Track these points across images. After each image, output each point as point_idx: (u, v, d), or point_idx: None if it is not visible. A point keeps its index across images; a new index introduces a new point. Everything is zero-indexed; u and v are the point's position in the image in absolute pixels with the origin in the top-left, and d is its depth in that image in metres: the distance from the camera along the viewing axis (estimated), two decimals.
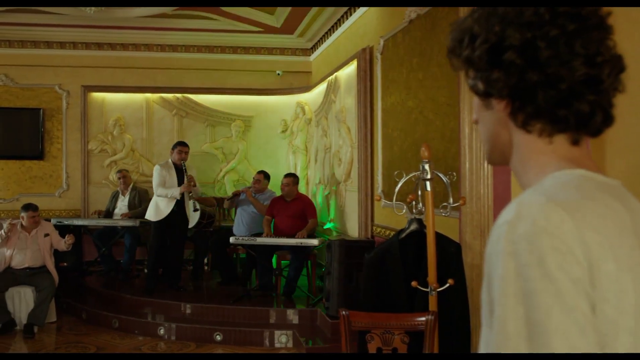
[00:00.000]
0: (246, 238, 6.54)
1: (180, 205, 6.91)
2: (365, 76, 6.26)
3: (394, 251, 3.23)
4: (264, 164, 8.99)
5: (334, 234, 7.41)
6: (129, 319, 6.36)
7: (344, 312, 2.86)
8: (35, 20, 8.17)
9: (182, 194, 6.87)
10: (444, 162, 4.52)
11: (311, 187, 8.38)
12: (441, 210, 3.18)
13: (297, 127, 8.87)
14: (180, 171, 6.96)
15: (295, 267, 6.62)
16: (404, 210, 3.23)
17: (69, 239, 6.55)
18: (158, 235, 7.00)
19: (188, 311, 6.40)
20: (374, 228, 6.13)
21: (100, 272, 8.18)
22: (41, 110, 8.65)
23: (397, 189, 3.20)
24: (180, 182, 6.88)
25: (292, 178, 7.10)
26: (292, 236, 6.62)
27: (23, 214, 6.56)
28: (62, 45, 8.69)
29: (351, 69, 6.75)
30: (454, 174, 3.43)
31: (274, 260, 6.91)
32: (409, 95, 5.23)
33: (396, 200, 3.30)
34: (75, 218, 8.28)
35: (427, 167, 3.09)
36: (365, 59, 6.28)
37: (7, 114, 8.62)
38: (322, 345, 5.50)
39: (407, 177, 3.21)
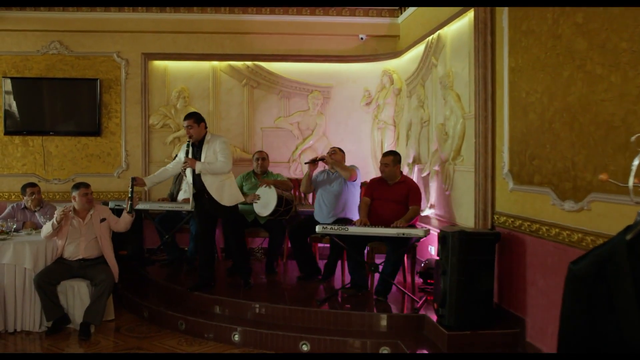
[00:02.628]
0: (335, 227, 5.44)
1: (204, 189, 5.73)
2: (485, 30, 5.05)
3: (619, 260, 2.07)
4: (345, 140, 7.92)
5: (434, 222, 6.26)
6: (198, 321, 5.39)
7: None
8: None
9: (196, 175, 5.72)
10: (625, 129, 3.32)
11: (402, 167, 7.23)
12: None
13: (384, 99, 7.73)
14: (195, 150, 5.79)
15: (393, 261, 5.53)
16: None
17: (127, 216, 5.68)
18: (198, 223, 6.02)
19: (264, 312, 5.38)
20: (495, 217, 4.96)
21: (163, 261, 7.30)
22: (98, 81, 7.77)
23: (634, 164, 2.02)
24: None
25: (392, 156, 5.97)
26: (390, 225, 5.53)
27: (74, 194, 5.66)
28: (120, 8, 7.76)
29: (462, 23, 5.56)
30: None
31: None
32: (558, 46, 4.01)
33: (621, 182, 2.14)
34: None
35: None
36: (485, 8, 5.07)
37: (61, 85, 7.78)
38: None
39: None
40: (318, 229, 5.50)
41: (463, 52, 5.52)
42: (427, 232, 5.26)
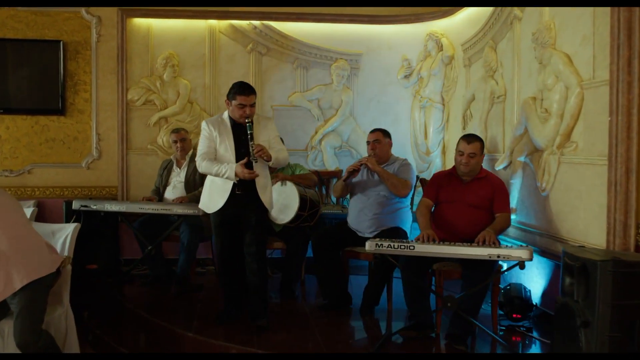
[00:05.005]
0: (395, 244, 3.76)
1: (249, 186, 4.08)
2: None
3: None
4: (378, 122, 6.22)
5: (515, 233, 4.62)
6: None
7: None
8: None
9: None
10: None
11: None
12: None
13: (429, 70, 6.07)
14: (242, 133, 4.07)
15: (476, 293, 3.87)
16: None
17: None
18: (219, 236, 4.25)
19: None
20: None
21: (144, 278, 5.63)
22: (61, 44, 6.06)
23: None
24: (239, 151, 4.05)
25: (479, 143, 4.29)
26: (470, 240, 3.88)
27: None
28: None
29: None
30: None
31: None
32: None
33: None
34: (109, 201, 5.65)
35: None
36: None
37: (13, 48, 6.05)
38: None
39: None
40: (369, 246, 3.82)
41: None
42: (532, 254, 3.59)
